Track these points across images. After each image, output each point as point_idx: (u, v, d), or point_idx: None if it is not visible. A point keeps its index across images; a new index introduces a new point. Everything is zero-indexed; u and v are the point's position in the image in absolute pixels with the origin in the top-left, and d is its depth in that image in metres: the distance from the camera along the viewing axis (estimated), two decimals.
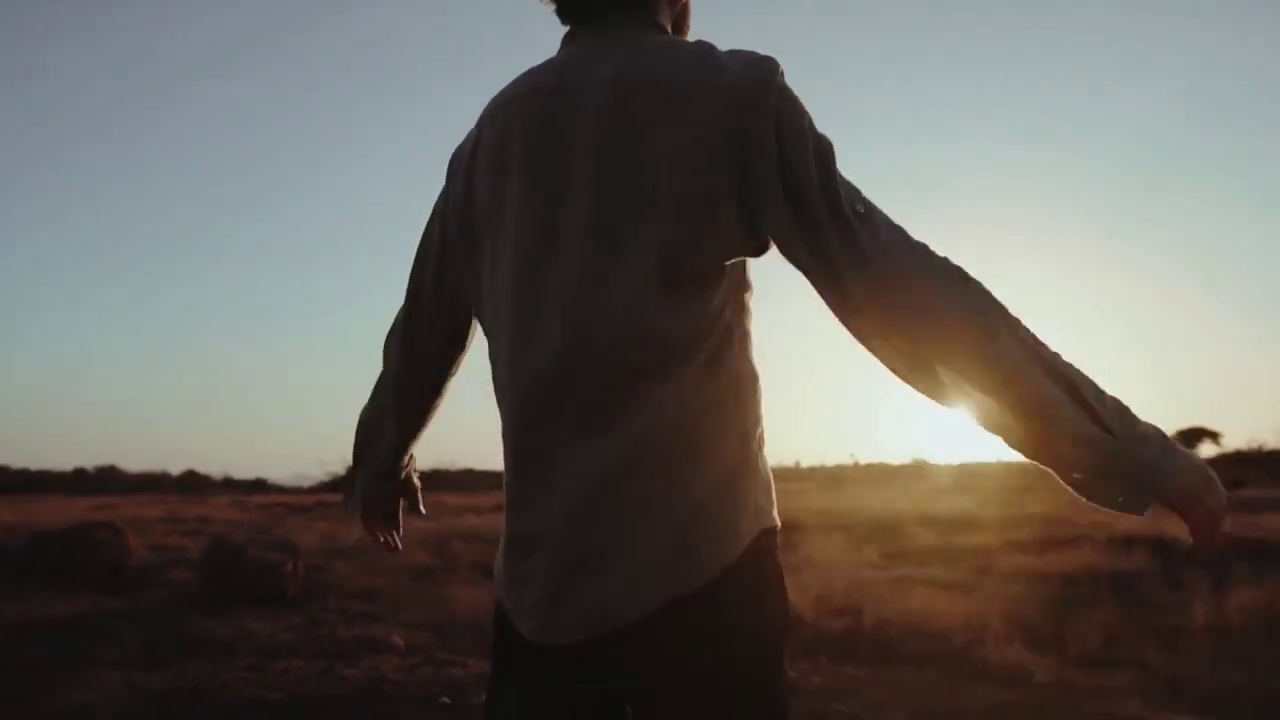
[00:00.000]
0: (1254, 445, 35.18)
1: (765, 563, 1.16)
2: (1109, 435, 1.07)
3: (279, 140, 62.56)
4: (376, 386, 1.50)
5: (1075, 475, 1.10)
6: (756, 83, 1.10)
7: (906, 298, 1.07)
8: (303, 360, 63.71)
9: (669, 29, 1.28)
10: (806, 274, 1.12)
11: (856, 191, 1.12)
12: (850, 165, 1.14)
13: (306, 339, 65.73)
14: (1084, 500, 1.10)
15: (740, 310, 1.19)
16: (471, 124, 1.32)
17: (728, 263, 1.14)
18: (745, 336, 1.20)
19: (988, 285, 1.10)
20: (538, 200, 1.17)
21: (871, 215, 1.11)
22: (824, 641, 5.58)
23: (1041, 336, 1.11)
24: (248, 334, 63.97)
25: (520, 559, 1.17)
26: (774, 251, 1.15)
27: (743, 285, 1.20)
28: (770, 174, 1.09)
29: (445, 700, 4.00)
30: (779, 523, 1.20)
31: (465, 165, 1.29)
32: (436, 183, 1.39)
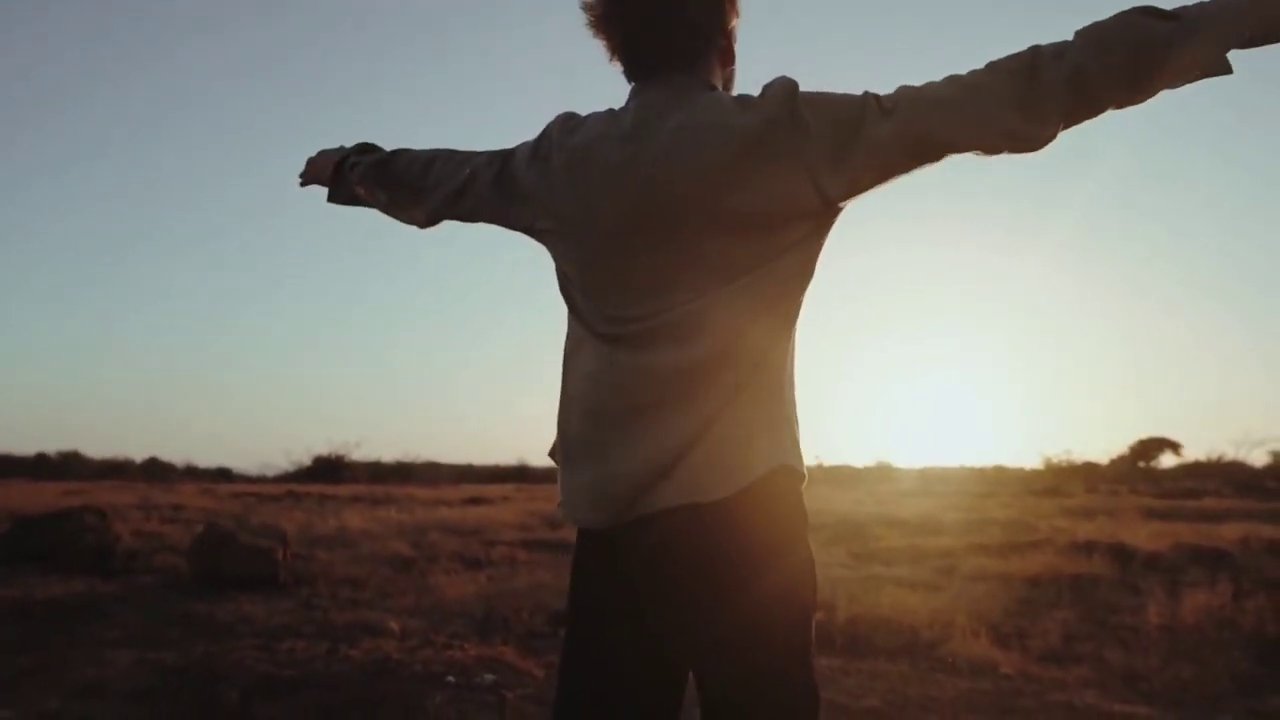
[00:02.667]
0: (1213, 456, 35.97)
1: (785, 495, 1.39)
2: (1176, 21, 1.22)
3: (245, 129, 62.06)
4: (399, 152, 1.80)
5: (1193, 73, 1.24)
6: (784, 99, 1.37)
7: (970, 108, 1.30)
8: (263, 351, 63.26)
9: (719, 89, 1.53)
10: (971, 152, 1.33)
11: (902, 88, 1.35)
12: None
13: (270, 330, 65.24)
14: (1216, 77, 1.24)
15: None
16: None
17: (812, 255, 1.40)
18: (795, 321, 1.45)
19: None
20: (628, 234, 1.42)
21: (920, 88, 1.34)
22: None
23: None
24: (210, 323, 63.37)
25: (577, 468, 1.47)
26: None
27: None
28: (837, 158, 1.34)
29: (450, 679, 4.20)
30: (804, 472, 1.43)
31: (551, 172, 1.52)
32: None
